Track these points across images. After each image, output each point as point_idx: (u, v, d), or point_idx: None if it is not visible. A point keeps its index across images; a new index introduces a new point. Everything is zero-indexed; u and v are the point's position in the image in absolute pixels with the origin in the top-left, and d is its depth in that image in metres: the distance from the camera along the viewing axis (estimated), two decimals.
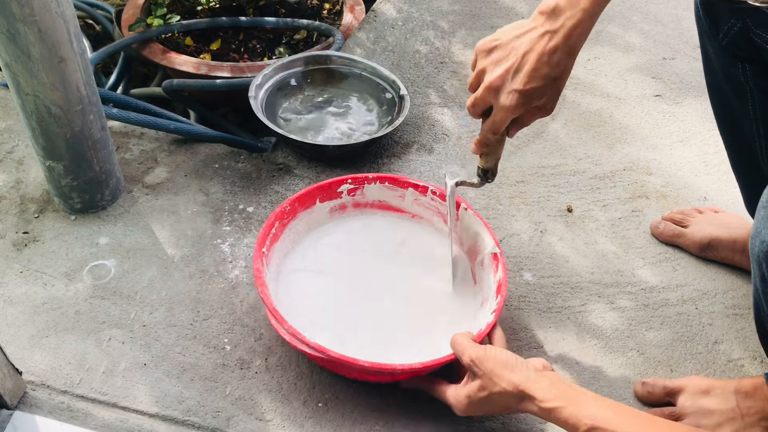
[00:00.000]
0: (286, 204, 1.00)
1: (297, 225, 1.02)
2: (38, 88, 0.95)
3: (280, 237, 0.99)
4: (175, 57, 1.48)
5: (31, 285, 1.01)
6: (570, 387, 0.75)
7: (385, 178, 1.05)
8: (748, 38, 0.83)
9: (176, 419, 0.88)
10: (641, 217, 1.18)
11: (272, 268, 0.97)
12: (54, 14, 0.90)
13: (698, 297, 1.06)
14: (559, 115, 1.38)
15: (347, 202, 1.06)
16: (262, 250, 0.94)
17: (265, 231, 0.96)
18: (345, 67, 1.36)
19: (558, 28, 0.76)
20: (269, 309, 0.87)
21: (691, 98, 1.44)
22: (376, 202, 1.07)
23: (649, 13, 1.68)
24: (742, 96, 0.90)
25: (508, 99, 0.80)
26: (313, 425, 0.88)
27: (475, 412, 0.81)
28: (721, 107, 0.97)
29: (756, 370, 0.98)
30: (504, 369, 0.76)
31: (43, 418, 0.86)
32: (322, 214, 1.05)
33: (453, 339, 0.83)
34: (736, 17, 0.83)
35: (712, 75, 0.95)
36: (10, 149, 1.22)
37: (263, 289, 0.89)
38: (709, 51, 0.92)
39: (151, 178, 1.19)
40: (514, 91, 0.79)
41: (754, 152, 0.93)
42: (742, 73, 0.87)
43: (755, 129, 0.91)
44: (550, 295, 1.05)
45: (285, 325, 0.85)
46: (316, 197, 1.03)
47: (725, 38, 0.86)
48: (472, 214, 1.00)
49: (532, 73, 0.78)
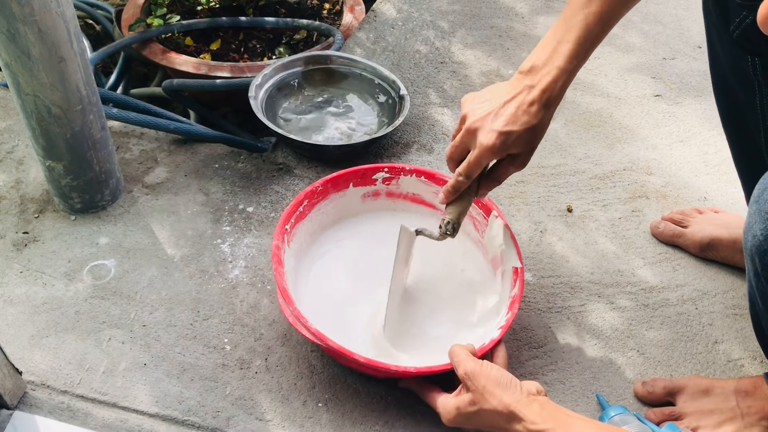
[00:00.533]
0: (318, 184, 1.00)
1: (327, 206, 1.02)
2: (38, 88, 0.95)
3: (307, 216, 0.99)
4: (175, 57, 1.48)
5: (31, 285, 1.01)
6: (560, 411, 0.75)
7: (422, 172, 1.05)
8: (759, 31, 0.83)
9: (176, 419, 0.88)
10: (641, 217, 1.18)
11: (294, 247, 0.96)
12: (54, 14, 0.90)
13: (698, 297, 1.06)
14: (559, 115, 1.38)
15: (381, 189, 1.06)
16: (285, 227, 0.94)
17: (291, 209, 0.96)
18: (345, 67, 1.36)
19: (536, 83, 0.84)
20: (279, 288, 0.88)
21: (691, 98, 1.44)
22: (410, 195, 1.07)
23: (649, 13, 1.69)
24: (749, 89, 0.89)
25: (486, 138, 0.84)
26: (313, 425, 0.88)
27: (462, 424, 0.81)
28: (726, 100, 0.97)
29: (756, 370, 0.98)
30: (496, 387, 0.76)
31: (43, 418, 0.86)
32: (355, 198, 1.05)
33: (452, 350, 0.83)
34: (749, 10, 0.83)
35: (717, 67, 0.95)
36: (10, 149, 1.22)
37: (279, 268, 0.89)
38: (717, 43, 0.92)
39: (151, 178, 1.19)
40: (493, 131, 0.84)
41: (758, 146, 0.93)
42: (751, 67, 0.87)
43: (761, 122, 0.91)
44: (549, 295, 1.05)
45: (291, 307, 0.86)
46: (350, 181, 1.03)
47: (736, 30, 0.85)
48: (502, 224, 0.98)
49: (511, 117, 0.84)
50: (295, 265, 0.97)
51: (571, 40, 0.83)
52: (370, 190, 1.06)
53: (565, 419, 0.73)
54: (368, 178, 1.04)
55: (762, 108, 0.89)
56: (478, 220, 1.03)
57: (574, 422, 0.73)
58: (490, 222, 1.00)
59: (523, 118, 0.84)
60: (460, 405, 0.79)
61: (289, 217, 0.96)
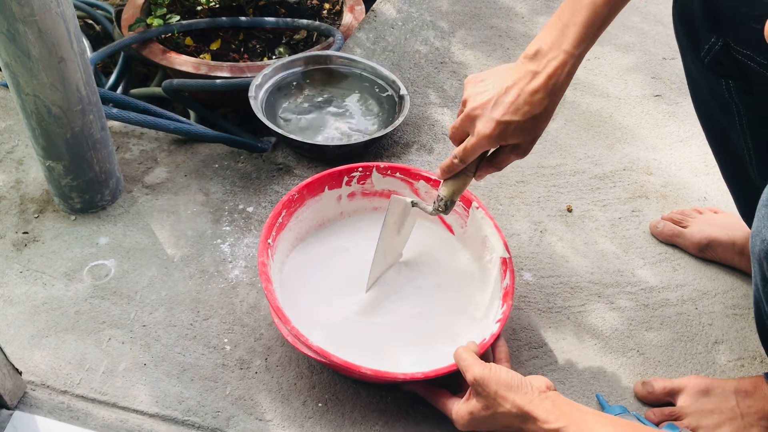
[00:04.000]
0: (294, 191, 0.99)
1: (304, 212, 1.01)
2: (38, 88, 0.95)
3: (287, 226, 0.98)
4: (175, 57, 1.48)
5: (31, 285, 1.01)
6: (572, 407, 0.75)
7: (396, 168, 1.04)
8: (730, 56, 0.83)
9: (176, 419, 0.88)
10: (641, 217, 1.18)
11: (278, 259, 0.96)
12: (54, 14, 0.90)
13: (698, 297, 1.06)
14: (559, 115, 1.38)
15: (356, 190, 1.06)
16: (268, 241, 0.93)
17: (271, 221, 0.94)
18: (345, 67, 1.36)
19: (541, 69, 0.79)
20: (272, 307, 0.87)
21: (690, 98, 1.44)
22: (386, 192, 1.06)
23: (649, 13, 1.69)
24: (728, 111, 0.89)
25: (484, 126, 0.81)
26: (312, 425, 0.88)
27: (476, 428, 0.81)
28: (709, 122, 0.97)
29: (756, 370, 0.98)
30: (508, 390, 0.76)
31: (43, 418, 0.86)
32: (331, 202, 1.04)
33: (457, 353, 0.83)
34: (717, 35, 0.82)
35: (696, 91, 0.95)
36: (10, 149, 1.22)
37: (268, 285, 0.88)
38: (692, 69, 0.92)
39: (151, 178, 1.19)
40: (492, 120, 0.81)
41: (743, 163, 0.93)
42: (726, 90, 0.86)
43: (743, 140, 0.90)
44: (549, 295, 1.05)
45: (288, 326, 0.85)
46: (324, 185, 1.02)
47: (707, 56, 0.85)
48: (483, 214, 0.98)
49: (511, 106, 0.80)
50: (281, 276, 0.96)
51: (579, 23, 0.79)
52: (346, 192, 1.05)
53: (577, 415, 0.73)
54: (341, 179, 1.03)
55: (742, 128, 0.89)
56: (459, 213, 1.03)
57: (586, 417, 0.73)
58: (471, 213, 1.00)
59: (525, 108, 0.80)
60: (474, 410, 0.79)
61: (270, 230, 0.93)
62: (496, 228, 0.97)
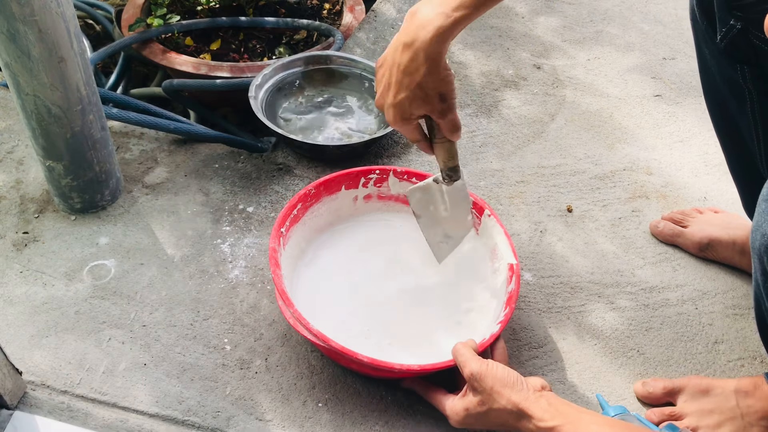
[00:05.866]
0: (311, 187, 1.00)
1: (320, 209, 1.03)
2: (38, 88, 0.95)
3: (301, 219, 1.00)
4: (175, 57, 1.48)
5: (31, 285, 1.01)
6: (568, 406, 0.76)
7: (412, 174, 1.05)
8: (747, 40, 0.83)
9: (176, 419, 0.88)
10: (641, 217, 1.18)
11: (289, 250, 0.97)
12: (54, 14, 0.90)
13: (698, 297, 1.06)
14: (559, 115, 1.38)
15: (372, 192, 1.06)
16: (281, 230, 0.95)
17: (286, 212, 0.97)
18: (345, 67, 1.36)
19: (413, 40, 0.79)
20: (278, 290, 0.88)
21: (691, 98, 1.44)
22: (402, 197, 1.07)
23: (649, 13, 1.69)
24: (740, 98, 0.89)
25: (389, 115, 0.85)
26: (312, 425, 0.88)
27: (471, 425, 0.81)
28: (718, 109, 0.97)
29: (756, 370, 0.98)
30: (504, 387, 0.77)
31: (43, 418, 0.86)
32: (347, 201, 1.05)
33: (455, 348, 0.83)
34: (736, 19, 0.83)
35: (708, 77, 0.95)
36: (10, 149, 1.22)
37: (276, 270, 0.89)
38: (706, 53, 0.92)
39: (151, 178, 1.19)
40: (390, 106, 0.85)
41: (751, 154, 0.93)
42: (741, 76, 0.87)
43: (753, 131, 0.91)
44: (549, 295, 1.05)
45: (291, 309, 0.86)
46: (341, 184, 1.04)
47: (724, 40, 0.85)
48: (495, 222, 1.00)
49: (397, 85, 0.82)
50: (291, 267, 0.97)
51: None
52: (362, 193, 1.06)
53: (573, 414, 0.74)
54: (359, 180, 1.05)
55: (754, 116, 0.89)
56: None
57: (581, 417, 0.73)
58: (483, 221, 1.01)
59: (406, 81, 0.81)
60: (469, 406, 0.79)
61: (284, 220, 0.96)
62: (506, 235, 0.98)
